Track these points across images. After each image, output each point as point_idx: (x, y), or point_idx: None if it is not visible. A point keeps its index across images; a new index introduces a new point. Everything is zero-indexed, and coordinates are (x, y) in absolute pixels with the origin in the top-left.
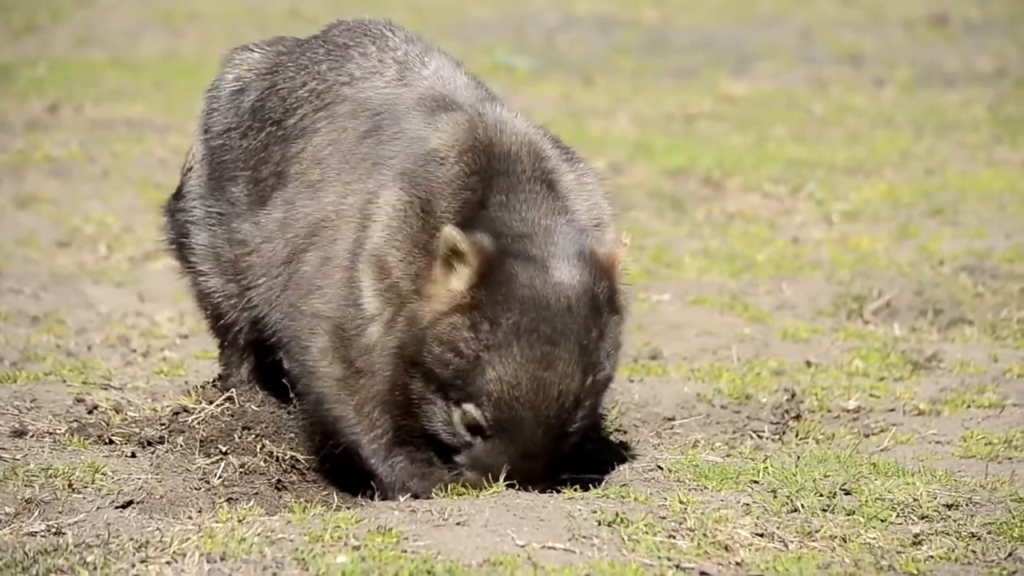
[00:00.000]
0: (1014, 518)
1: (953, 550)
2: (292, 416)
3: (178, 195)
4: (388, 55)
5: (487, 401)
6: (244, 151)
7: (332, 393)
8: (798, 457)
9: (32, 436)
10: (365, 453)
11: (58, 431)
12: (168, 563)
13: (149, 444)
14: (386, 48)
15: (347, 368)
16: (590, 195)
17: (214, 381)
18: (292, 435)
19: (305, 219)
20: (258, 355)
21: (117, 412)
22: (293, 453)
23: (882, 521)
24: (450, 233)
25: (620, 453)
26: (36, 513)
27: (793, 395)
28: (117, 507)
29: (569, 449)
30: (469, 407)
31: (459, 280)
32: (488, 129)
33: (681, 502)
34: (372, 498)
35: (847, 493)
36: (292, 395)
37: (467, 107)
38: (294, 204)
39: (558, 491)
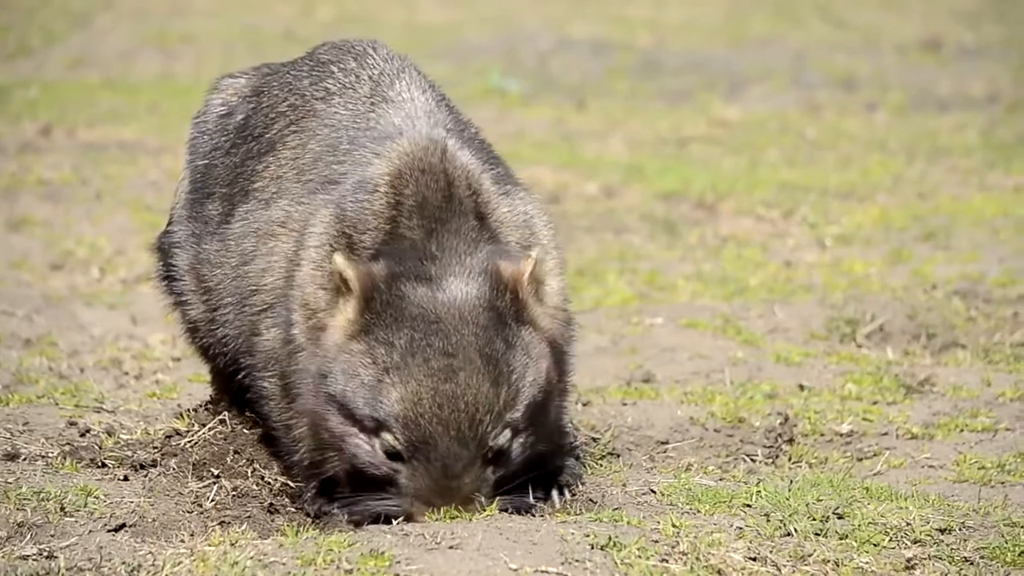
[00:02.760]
0: (1007, 543)
1: (946, 575)
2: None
3: (167, 223)
4: (365, 72)
5: (396, 423)
6: (224, 168)
7: (277, 426)
8: (791, 481)
9: (24, 459)
10: (304, 488)
11: (50, 454)
12: None
13: (142, 467)
14: (364, 65)
15: (288, 406)
16: (526, 225)
17: (206, 404)
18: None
19: (255, 236)
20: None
21: (110, 435)
22: (283, 479)
23: (875, 545)
24: (336, 261)
25: (613, 476)
26: (28, 537)
27: (786, 419)
28: (109, 530)
29: (513, 470)
30: (384, 434)
31: (349, 308)
32: (425, 159)
33: (674, 526)
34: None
35: (840, 517)
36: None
37: (411, 136)
38: (248, 219)
39: (549, 514)
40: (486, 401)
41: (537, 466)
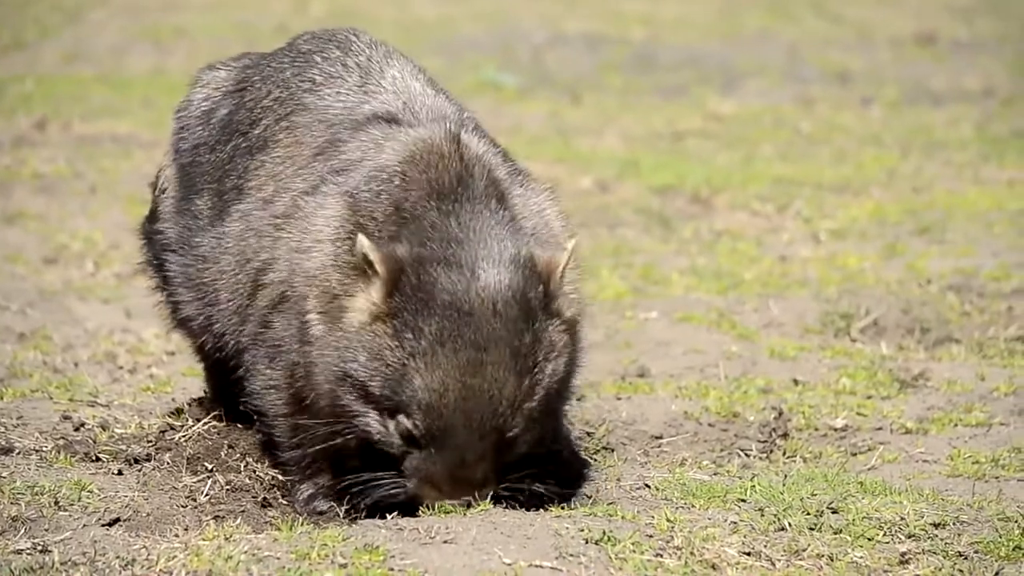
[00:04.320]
0: (1001, 537)
1: (940, 569)
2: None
3: (152, 218)
4: (351, 59)
5: (416, 410)
6: (211, 164)
7: (278, 420)
8: (785, 476)
9: (18, 453)
10: (298, 488)
11: (44, 448)
12: None
13: (136, 462)
14: (349, 52)
15: (294, 399)
16: (540, 214)
17: (200, 398)
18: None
19: (257, 234)
20: (233, 375)
21: (104, 429)
22: (275, 472)
23: (869, 540)
24: (361, 242)
25: (607, 471)
26: (22, 531)
27: (780, 413)
28: (103, 525)
29: (518, 456)
30: (401, 417)
31: (375, 290)
32: (441, 145)
33: (668, 520)
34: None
35: (834, 512)
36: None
37: (420, 123)
38: (248, 218)
39: (544, 508)
40: (509, 395)
41: (541, 454)
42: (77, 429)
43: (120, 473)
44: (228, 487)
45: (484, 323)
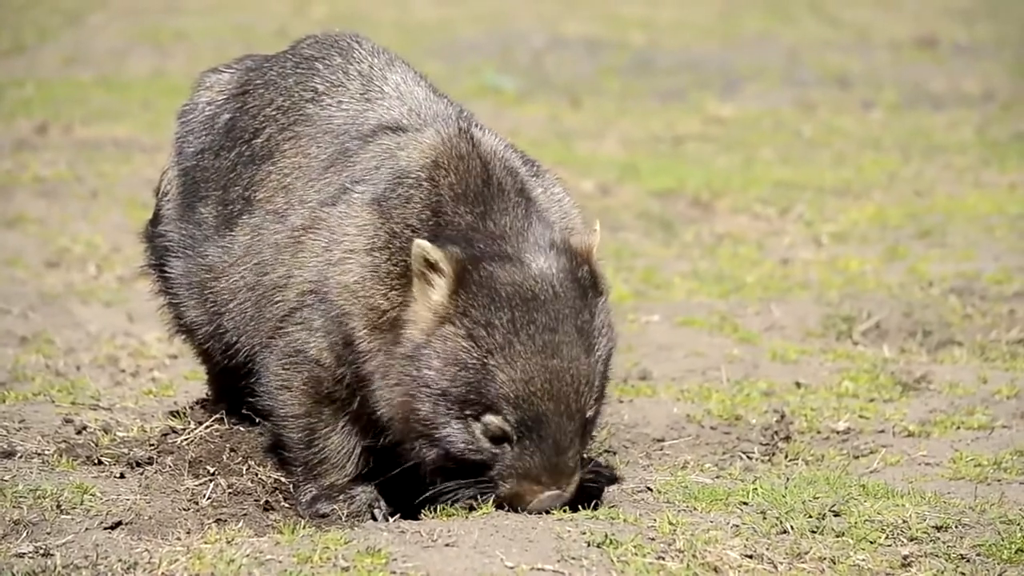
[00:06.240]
0: (1003, 540)
1: (942, 572)
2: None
3: (155, 220)
4: (353, 67)
5: (506, 405)
6: (215, 171)
7: (288, 420)
8: (787, 479)
9: (20, 457)
10: (302, 489)
11: (46, 452)
12: None
13: (138, 465)
14: (351, 60)
15: (317, 401)
16: (559, 205)
17: (203, 402)
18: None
19: (273, 246)
20: (240, 381)
21: (106, 432)
22: (277, 475)
23: (871, 543)
24: (420, 245)
25: (610, 474)
26: (24, 534)
27: (782, 416)
28: (105, 528)
29: (590, 439)
30: (489, 417)
31: (438, 291)
32: (458, 145)
33: (671, 523)
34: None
35: (836, 515)
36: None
37: (433, 125)
38: (260, 231)
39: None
40: (585, 372)
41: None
42: (79, 432)
43: (122, 476)
44: (230, 490)
45: (550, 306)
